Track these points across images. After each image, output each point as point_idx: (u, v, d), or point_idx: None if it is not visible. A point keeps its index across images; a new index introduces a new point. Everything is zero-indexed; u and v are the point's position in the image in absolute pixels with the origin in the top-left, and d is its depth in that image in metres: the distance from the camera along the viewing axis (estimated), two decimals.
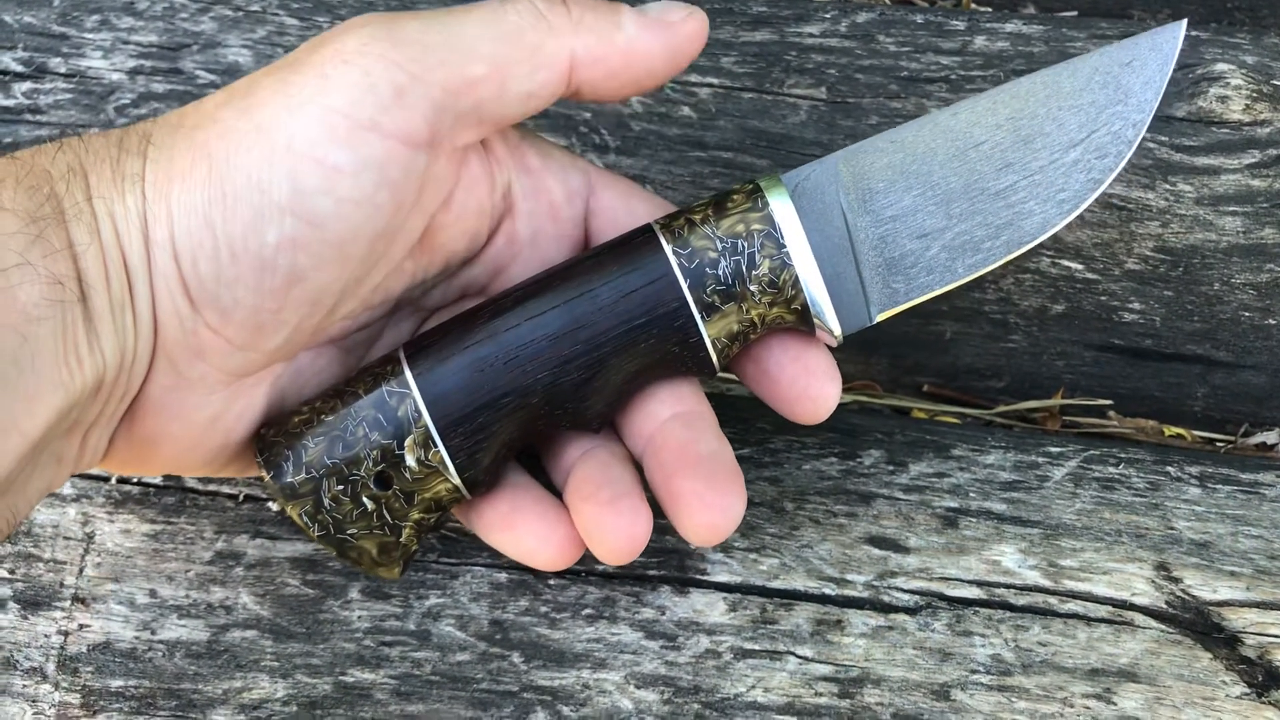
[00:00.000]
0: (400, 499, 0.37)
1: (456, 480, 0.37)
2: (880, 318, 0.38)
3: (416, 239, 0.37)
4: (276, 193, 0.34)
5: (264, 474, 0.37)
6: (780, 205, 0.37)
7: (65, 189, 0.34)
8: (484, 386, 0.37)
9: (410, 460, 0.37)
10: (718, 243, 0.37)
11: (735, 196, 0.38)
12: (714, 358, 0.38)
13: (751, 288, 0.37)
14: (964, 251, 0.38)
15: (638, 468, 0.40)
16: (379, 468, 0.37)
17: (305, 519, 0.37)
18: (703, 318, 0.37)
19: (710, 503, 0.37)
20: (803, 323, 0.38)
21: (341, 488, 0.37)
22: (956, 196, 0.38)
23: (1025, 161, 0.38)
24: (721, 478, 0.37)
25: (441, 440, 0.37)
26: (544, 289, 0.38)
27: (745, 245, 0.37)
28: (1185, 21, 0.39)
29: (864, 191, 0.38)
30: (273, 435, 0.38)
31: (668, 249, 0.37)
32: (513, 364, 0.37)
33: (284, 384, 0.38)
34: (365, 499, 0.37)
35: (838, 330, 0.38)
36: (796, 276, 0.37)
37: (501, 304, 0.38)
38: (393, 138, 0.35)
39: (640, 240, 0.38)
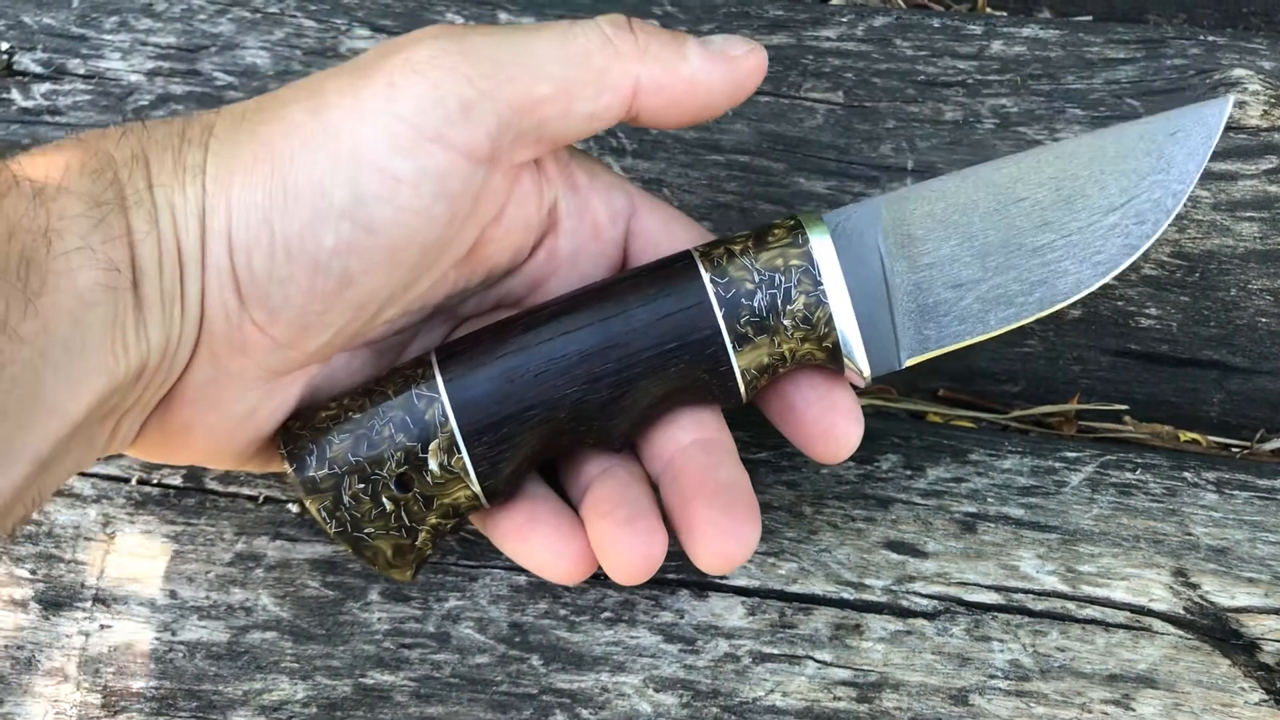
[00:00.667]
0: (419, 502, 0.38)
1: (477, 488, 0.38)
2: (909, 363, 0.39)
3: (466, 251, 0.38)
4: (337, 197, 0.34)
5: (287, 466, 0.38)
6: (820, 243, 0.38)
7: (128, 175, 0.34)
8: (512, 397, 0.37)
9: (433, 464, 0.37)
10: (755, 275, 0.37)
11: (776, 231, 0.38)
12: (742, 388, 0.38)
13: (785, 322, 0.38)
14: (997, 304, 0.38)
15: (655, 490, 0.40)
16: (401, 469, 0.37)
17: (323, 514, 0.37)
18: (734, 347, 0.38)
19: (725, 530, 0.37)
20: (832, 361, 0.38)
21: (362, 486, 0.37)
22: (994, 250, 0.38)
23: (1064, 221, 0.38)
24: (738, 507, 0.37)
25: (465, 447, 0.37)
26: (580, 305, 0.38)
27: (782, 280, 0.37)
28: (1232, 98, 0.40)
29: (903, 237, 0.38)
30: (299, 428, 0.38)
31: (705, 276, 0.37)
32: (543, 377, 0.37)
33: (318, 383, 0.38)
34: (385, 499, 0.37)
35: (867, 371, 0.38)
36: (830, 315, 0.38)
37: (536, 316, 0.38)
38: (455, 151, 0.35)
39: (679, 266, 0.38)
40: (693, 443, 0.39)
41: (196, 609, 0.42)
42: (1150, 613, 0.41)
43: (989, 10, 0.62)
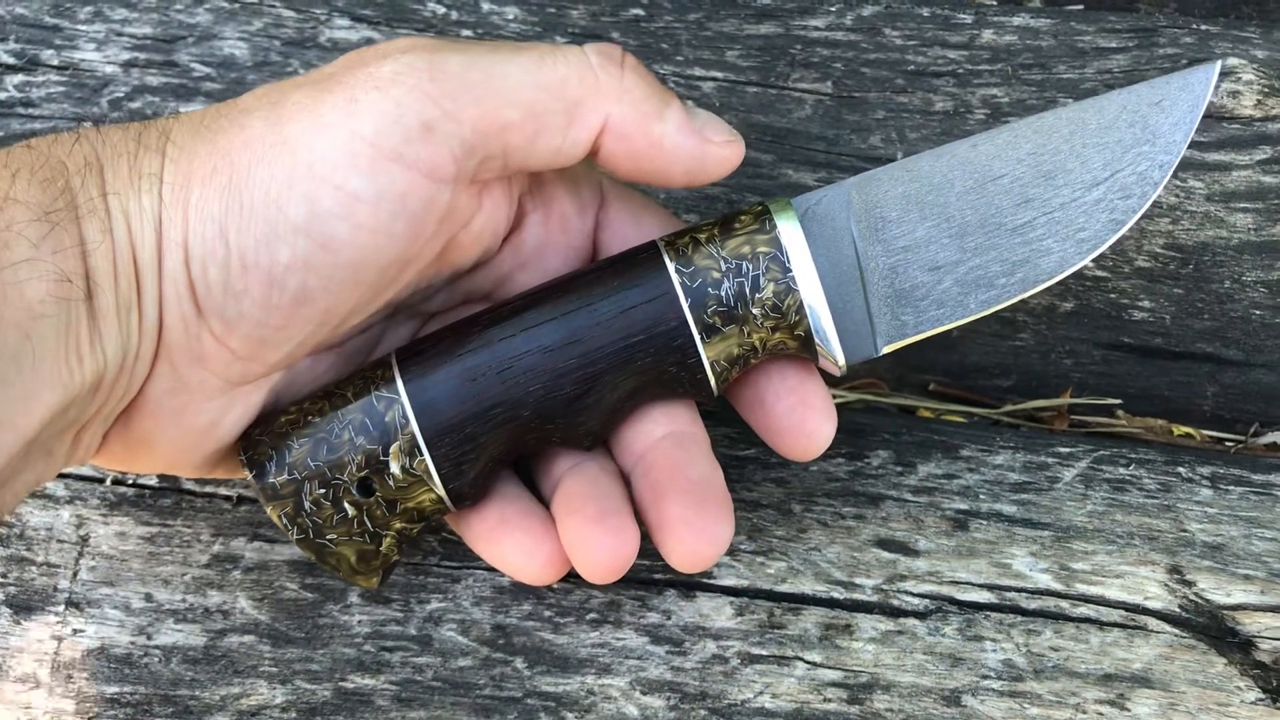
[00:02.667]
0: (382, 506, 0.37)
1: (441, 491, 0.37)
2: (887, 350, 0.38)
3: (430, 261, 0.37)
4: (293, 212, 0.34)
5: (247, 473, 0.37)
6: (788, 228, 0.37)
7: (80, 184, 0.34)
8: (474, 396, 0.36)
9: (394, 467, 0.36)
10: (722, 263, 0.37)
11: (743, 217, 0.37)
12: (712, 381, 0.37)
13: (754, 310, 0.37)
14: (977, 287, 0.37)
15: (627, 484, 0.39)
16: (362, 473, 0.36)
17: (285, 521, 0.37)
18: (702, 339, 0.37)
19: (698, 529, 0.36)
20: (805, 350, 0.38)
21: (323, 491, 0.36)
22: (972, 230, 0.37)
23: (1046, 198, 0.37)
24: (711, 504, 0.37)
25: (428, 448, 0.36)
26: (542, 300, 0.37)
27: (750, 267, 0.37)
28: (1219, 63, 0.38)
29: (876, 220, 0.37)
30: (258, 434, 0.37)
31: (670, 266, 0.37)
32: (505, 374, 0.36)
33: (280, 390, 0.38)
34: (346, 504, 0.37)
35: (841, 360, 0.37)
36: (801, 302, 0.37)
37: (498, 313, 0.37)
38: (416, 170, 0.34)
39: (643, 256, 0.37)
40: (665, 436, 0.38)
41: (172, 612, 0.41)
42: (1145, 611, 0.40)
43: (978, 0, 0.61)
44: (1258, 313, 0.48)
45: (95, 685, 0.40)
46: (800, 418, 0.38)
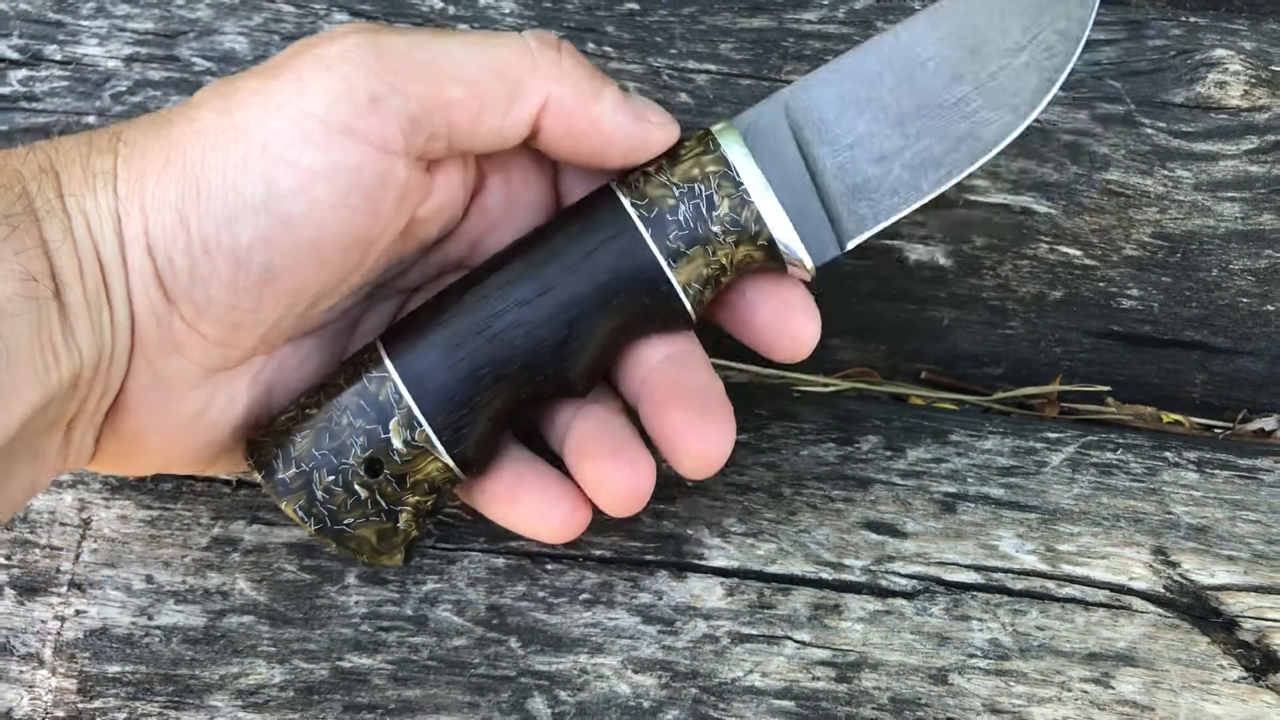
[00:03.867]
0: (393, 483, 0.37)
1: (446, 458, 0.37)
2: (852, 244, 0.39)
3: (394, 239, 0.38)
4: (250, 193, 0.34)
5: (256, 476, 0.38)
6: (732, 144, 0.38)
7: (37, 188, 0.34)
8: (461, 360, 0.37)
9: (397, 442, 0.37)
10: (674, 189, 0.38)
11: (687, 144, 0.38)
12: (687, 305, 0.38)
13: (714, 228, 0.38)
14: (926, 168, 0.38)
15: (634, 420, 0.40)
16: (367, 454, 0.37)
17: (300, 514, 0.37)
18: (670, 265, 0.38)
19: (701, 431, 0.37)
20: (772, 259, 0.38)
21: (332, 478, 0.37)
22: (910, 116, 0.38)
23: (975, 71, 0.38)
24: (712, 408, 0.38)
25: (425, 418, 0.37)
26: (511, 258, 0.38)
27: (702, 188, 0.38)
28: None
29: (817, 124, 0.38)
30: (260, 437, 0.38)
31: (625, 201, 0.38)
32: (487, 334, 0.37)
33: (266, 377, 0.38)
34: (357, 487, 0.37)
35: (809, 262, 0.38)
36: (758, 212, 0.38)
37: (472, 277, 0.38)
38: (367, 143, 0.35)
39: (599, 199, 0.38)
40: (664, 358, 0.39)
41: (173, 593, 0.42)
42: (1130, 591, 0.41)
43: None
44: (1245, 301, 0.48)
45: (97, 665, 0.41)
46: (784, 320, 0.39)
